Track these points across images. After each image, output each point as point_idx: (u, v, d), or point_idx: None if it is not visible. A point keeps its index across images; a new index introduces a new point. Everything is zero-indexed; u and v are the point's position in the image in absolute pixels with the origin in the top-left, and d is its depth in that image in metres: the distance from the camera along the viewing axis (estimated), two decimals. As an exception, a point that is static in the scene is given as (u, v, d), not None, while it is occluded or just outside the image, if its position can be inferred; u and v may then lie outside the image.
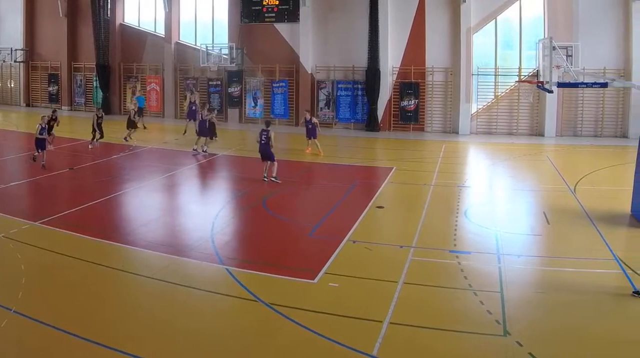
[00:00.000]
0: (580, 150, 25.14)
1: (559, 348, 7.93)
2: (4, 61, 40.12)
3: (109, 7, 36.52)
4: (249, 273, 10.69)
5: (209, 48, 32.86)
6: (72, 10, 38.50)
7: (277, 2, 32.77)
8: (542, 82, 17.99)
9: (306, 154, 23.29)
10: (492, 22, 29.74)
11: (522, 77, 29.14)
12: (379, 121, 30.78)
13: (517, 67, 29.67)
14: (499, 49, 30.36)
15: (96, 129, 23.47)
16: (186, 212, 15.81)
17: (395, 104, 31.00)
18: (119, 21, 37.36)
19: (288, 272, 10.74)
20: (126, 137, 25.09)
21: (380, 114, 30.86)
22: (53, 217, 13.97)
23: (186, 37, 35.97)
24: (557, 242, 12.88)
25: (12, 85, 41.81)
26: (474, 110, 30.24)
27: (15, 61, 40.00)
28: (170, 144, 26.26)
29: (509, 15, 29.72)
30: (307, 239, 13.14)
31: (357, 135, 29.95)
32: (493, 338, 8.23)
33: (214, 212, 15.05)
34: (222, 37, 34.16)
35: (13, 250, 11.57)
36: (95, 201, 15.74)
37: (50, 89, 39.91)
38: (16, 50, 39.70)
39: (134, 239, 12.68)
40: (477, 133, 29.99)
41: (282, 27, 32.91)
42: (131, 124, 25.42)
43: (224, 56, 32.65)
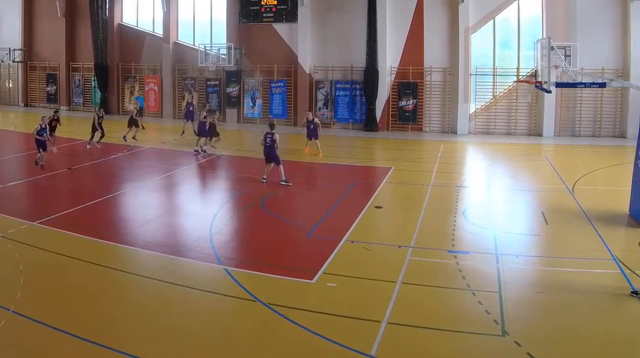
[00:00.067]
0: (579, 150, 25.16)
1: (557, 348, 7.93)
2: (2, 61, 40.13)
3: (107, 7, 36.50)
4: (247, 273, 10.68)
5: (207, 48, 32.91)
6: (70, 10, 38.51)
7: (275, 2, 32.79)
8: (540, 82, 18.03)
9: (305, 154, 23.30)
10: (491, 22, 29.79)
11: (520, 77, 29.18)
12: (378, 121, 30.82)
13: (516, 67, 29.71)
14: (497, 49, 30.39)
15: (97, 128, 23.43)
16: (184, 212, 15.79)
17: (394, 104, 31.02)
18: (117, 21, 37.37)
19: (286, 272, 10.73)
20: (125, 136, 25.08)
21: (378, 114, 30.89)
22: (51, 217, 13.95)
23: (184, 37, 35.99)
24: (555, 242, 12.89)
25: (10, 85, 41.79)
26: (472, 110, 30.29)
27: (14, 61, 40.01)
28: (169, 144, 26.23)
29: (507, 15, 29.77)
30: (305, 239, 13.13)
31: (355, 135, 29.96)
32: (491, 338, 8.23)
33: (213, 212, 15.02)
34: (221, 37, 34.16)
35: (11, 250, 11.55)
36: (94, 201, 15.71)
37: (49, 89, 39.90)
38: (14, 50, 39.72)
39: (132, 239, 12.67)
40: (475, 133, 30.02)
41: (281, 27, 32.93)
42: (133, 122, 25.38)
43: (222, 56, 32.67)
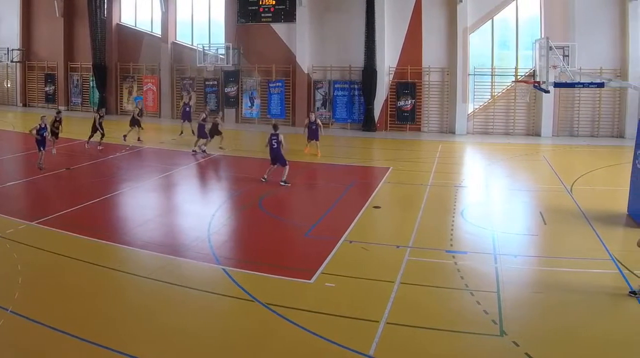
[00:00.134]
0: (577, 150, 25.18)
1: (555, 348, 7.94)
2: (0, 61, 40.03)
3: (105, 7, 36.45)
4: (245, 273, 10.69)
5: (205, 48, 32.90)
6: (68, 10, 38.44)
7: (273, 2, 32.76)
8: (538, 82, 18.02)
9: (303, 154, 23.23)
10: (489, 22, 29.78)
11: (518, 77, 29.16)
12: (376, 121, 30.80)
13: (514, 67, 29.70)
14: (496, 49, 30.37)
15: (98, 129, 23.40)
16: (183, 212, 15.79)
17: (392, 104, 31.01)
18: (115, 21, 37.31)
19: (285, 272, 10.73)
20: (125, 136, 25.12)
21: (376, 114, 30.87)
22: (50, 217, 13.94)
23: (183, 37, 35.95)
24: (553, 242, 12.90)
25: (8, 86, 41.71)
26: (470, 110, 30.28)
27: (12, 61, 39.93)
28: (167, 144, 26.22)
29: (505, 15, 29.75)
30: (303, 239, 13.13)
31: (353, 135, 29.94)
32: (489, 338, 8.24)
33: (211, 212, 15.03)
34: (219, 37, 34.12)
35: (9, 250, 11.55)
36: (92, 201, 15.71)
37: (47, 89, 39.84)
38: (13, 50, 39.64)
39: (130, 239, 12.66)
40: (473, 133, 30.02)
41: (279, 27, 32.90)
42: (135, 122, 25.39)
43: (220, 56, 32.62)
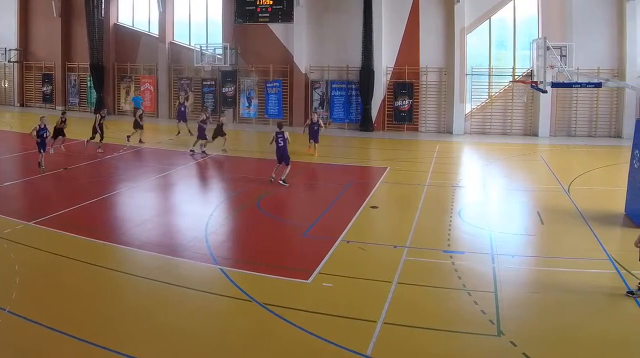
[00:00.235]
0: (574, 150, 25.21)
1: (553, 348, 7.95)
2: (-2, 61, 40.03)
3: (102, 7, 36.41)
4: (243, 273, 10.68)
5: (203, 48, 32.83)
6: (66, 10, 38.38)
7: (271, 2, 32.72)
8: (536, 82, 18.05)
9: (300, 154, 23.12)
10: (486, 22, 29.80)
11: (516, 77, 29.20)
12: (373, 121, 30.80)
13: (511, 67, 29.73)
14: (493, 49, 30.41)
15: (97, 130, 23.34)
16: (180, 212, 15.78)
17: (389, 104, 31.02)
18: (113, 21, 37.27)
19: (282, 272, 10.73)
20: (129, 136, 25.18)
21: (374, 114, 30.87)
22: (47, 217, 13.92)
23: (180, 37, 35.91)
24: (551, 242, 12.91)
25: (6, 86, 41.65)
26: (468, 110, 30.30)
27: (9, 61, 39.87)
28: (164, 144, 26.20)
29: (503, 15, 29.77)
30: (301, 239, 13.12)
31: (351, 135, 29.94)
32: (487, 338, 8.24)
33: (208, 212, 15.01)
34: (216, 37, 34.10)
35: (7, 251, 11.53)
36: (90, 201, 15.69)
37: (44, 89, 39.77)
38: (10, 50, 39.56)
39: (128, 239, 12.65)
40: (471, 133, 30.05)
41: (276, 27, 32.88)
42: (138, 125, 25.46)
43: (218, 56, 32.59)
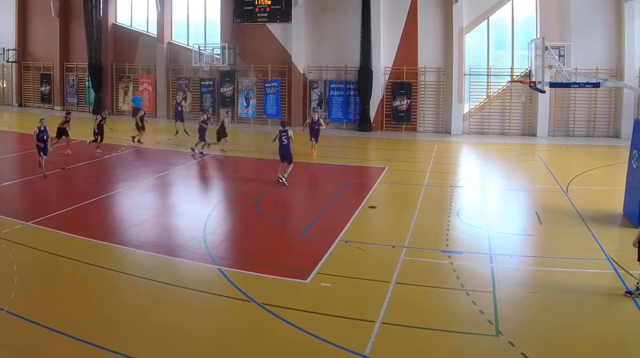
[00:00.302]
0: (573, 150, 25.23)
1: (551, 348, 7.94)
2: (-4, 61, 39.99)
3: (101, 7, 36.39)
4: (241, 273, 10.67)
5: (201, 48, 32.83)
6: (64, 10, 38.36)
7: (269, 2, 32.73)
8: (534, 82, 18.03)
9: (299, 154, 22.91)
10: (485, 22, 29.84)
11: (514, 77, 29.23)
12: (372, 121, 30.81)
13: (510, 67, 29.77)
14: (492, 49, 30.45)
15: (97, 131, 23.31)
16: (178, 212, 15.76)
17: (388, 104, 31.04)
18: (111, 21, 37.26)
19: (280, 272, 10.71)
20: (134, 137, 25.33)
21: (372, 114, 30.88)
22: (45, 217, 13.91)
23: (178, 37, 35.90)
24: (549, 242, 12.92)
25: (4, 85, 41.61)
26: (466, 110, 30.33)
27: (8, 61, 39.83)
28: (162, 144, 26.18)
29: (501, 15, 29.81)
30: (299, 239, 13.12)
31: (349, 135, 29.94)
32: (485, 338, 8.24)
33: (207, 212, 14.99)
34: (215, 37, 34.11)
35: (5, 251, 11.51)
36: (88, 201, 15.67)
37: (43, 89, 39.73)
38: (8, 50, 39.54)
39: (126, 239, 12.63)
40: (469, 133, 30.07)
41: (275, 27, 32.88)
42: (141, 126, 25.67)
43: (216, 56, 32.60)
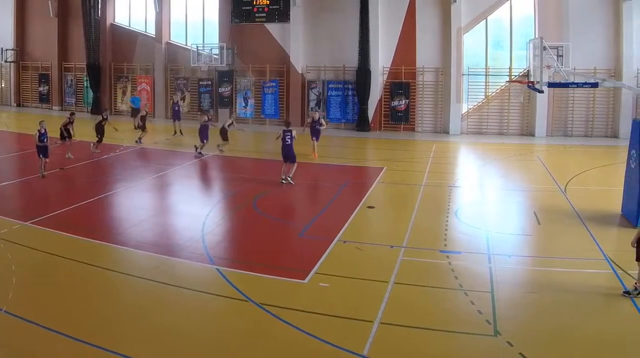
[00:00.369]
0: (571, 150, 25.25)
1: (549, 348, 7.95)
2: (-5, 61, 39.95)
3: (99, 7, 36.36)
4: (239, 273, 10.67)
5: (199, 48, 32.79)
6: (62, 10, 38.33)
7: (267, 2, 32.74)
8: (532, 82, 18.05)
9: (298, 155, 22.89)
10: (483, 22, 29.85)
11: (512, 77, 29.24)
12: (370, 121, 30.81)
13: (508, 67, 29.78)
14: (490, 49, 30.45)
15: (95, 131, 23.28)
16: (177, 212, 15.75)
17: (386, 104, 31.04)
18: (109, 21, 37.21)
19: (279, 272, 10.71)
20: (139, 139, 25.42)
21: (370, 114, 30.88)
22: (44, 217, 13.90)
23: (177, 37, 35.88)
24: (547, 242, 12.93)
25: (2, 85, 41.56)
26: (464, 110, 30.34)
27: (6, 61, 39.81)
28: (161, 144, 26.16)
29: (499, 15, 29.84)
30: (297, 239, 13.13)
31: (347, 135, 29.93)
32: (484, 338, 8.25)
33: (205, 212, 14.98)
34: (213, 37, 34.06)
35: (4, 251, 11.50)
36: (86, 201, 15.66)
37: (41, 89, 39.68)
38: (6, 50, 39.51)
39: (124, 239, 12.63)
40: (467, 133, 30.08)
41: (273, 27, 32.87)
42: (142, 127, 25.95)
43: (214, 56, 32.58)
